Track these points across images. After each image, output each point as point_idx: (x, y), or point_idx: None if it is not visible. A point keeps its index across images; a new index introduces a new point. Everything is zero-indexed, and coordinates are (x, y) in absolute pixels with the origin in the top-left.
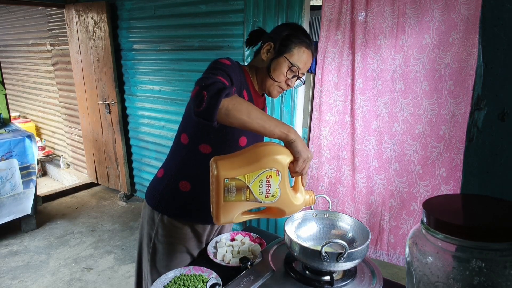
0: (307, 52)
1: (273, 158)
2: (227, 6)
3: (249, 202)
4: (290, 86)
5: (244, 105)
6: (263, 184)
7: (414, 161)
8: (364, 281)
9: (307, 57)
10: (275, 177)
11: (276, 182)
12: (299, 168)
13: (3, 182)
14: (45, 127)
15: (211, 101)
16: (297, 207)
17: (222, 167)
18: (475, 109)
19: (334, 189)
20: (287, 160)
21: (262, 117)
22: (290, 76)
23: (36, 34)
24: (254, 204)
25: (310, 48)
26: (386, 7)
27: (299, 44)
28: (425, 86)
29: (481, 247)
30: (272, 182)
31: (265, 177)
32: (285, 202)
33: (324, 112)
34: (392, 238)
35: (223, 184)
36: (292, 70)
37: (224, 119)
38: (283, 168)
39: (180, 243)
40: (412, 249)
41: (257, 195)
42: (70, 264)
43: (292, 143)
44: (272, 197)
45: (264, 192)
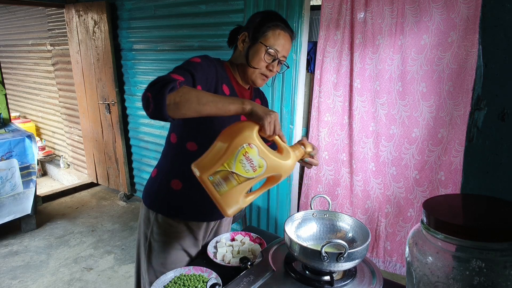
0: (283, 34)
1: (238, 137)
2: (227, 6)
3: (243, 183)
4: (272, 71)
5: (193, 93)
6: (245, 163)
7: (411, 166)
8: (364, 281)
9: (283, 38)
10: (251, 151)
11: (255, 154)
12: (269, 131)
13: (3, 182)
14: (45, 127)
15: (156, 100)
16: (289, 166)
17: (199, 169)
18: (475, 109)
19: (332, 191)
20: (252, 130)
21: (214, 99)
22: (270, 61)
23: (36, 34)
24: (249, 182)
25: (286, 30)
26: (385, 7)
27: (273, 27)
28: (422, 87)
29: (481, 247)
30: (252, 156)
31: (242, 156)
32: (276, 166)
33: (323, 112)
34: (389, 245)
35: (210, 182)
36: (270, 54)
37: (177, 112)
38: (252, 139)
39: (175, 241)
40: (412, 249)
41: (245, 174)
42: (70, 264)
43: (251, 113)
44: (260, 169)
45: (250, 169)
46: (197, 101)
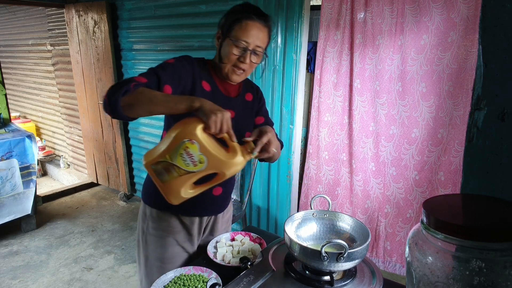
0: (252, 23)
1: (180, 132)
2: (227, 6)
3: (185, 176)
4: (245, 62)
5: (145, 94)
6: (185, 157)
7: (410, 166)
8: (364, 281)
9: (253, 28)
10: (192, 146)
11: (196, 150)
12: (213, 129)
13: (3, 182)
14: (45, 127)
15: (111, 102)
16: (234, 164)
17: (145, 158)
18: (475, 109)
19: (332, 191)
20: (196, 126)
21: (165, 99)
22: (239, 53)
23: (36, 34)
24: (191, 176)
25: (255, 19)
26: (385, 7)
27: (238, 19)
28: (422, 87)
29: (481, 247)
30: (192, 152)
31: (183, 150)
32: (218, 164)
33: (323, 112)
34: (389, 245)
35: (152, 170)
36: (239, 46)
37: (133, 112)
38: (193, 135)
39: (169, 236)
40: (412, 249)
41: (186, 168)
42: (70, 264)
43: (198, 110)
44: (201, 164)
45: (190, 163)
46: (149, 102)
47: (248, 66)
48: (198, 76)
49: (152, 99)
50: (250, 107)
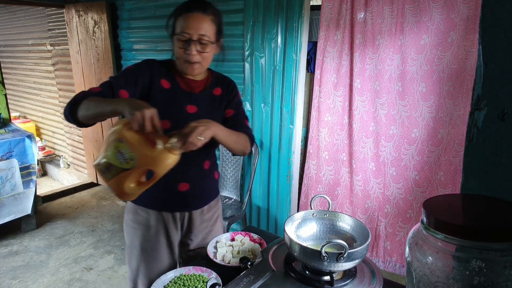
0: (190, 14)
1: (110, 133)
2: (227, 6)
3: (122, 173)
4: (191, 53)
5: (91, 103)
6: (119, 155)
7: (410, 166)
8: (364, 281)
9: (191, 18)
10: (122, 145)
11: (125, 148)
12: (135, 126)
13: (3, 182)
14: (45, 127)
15: (65, 113)
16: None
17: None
18: (475, 109)
19: (332, 191)
20: (123, 126)
21: (100, 104)
22: (184, 46)
23: (36, 34)
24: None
25: (192, 10)
26: (385, 7)
27: (177, 16)
28: (422, 87)
29: (481, 247)
30: (123, 150)
31: (116, 149)
32: (146, 159)
33: (323, 112)
34: (389, 245)
35: (98, 169)
36: (181, 39)
37: (87, 121)
38: (121, 135)
39: (143, 228)
40: (412, 249)
41: (120, 166)
42: (70, 264)
43: (123, 111)
44: (132, 161)
45: (124, 161)
46: (94, 109)
47: (199, 57)
48: (157, 76)
49: (97, 107)
50: (218, 101)
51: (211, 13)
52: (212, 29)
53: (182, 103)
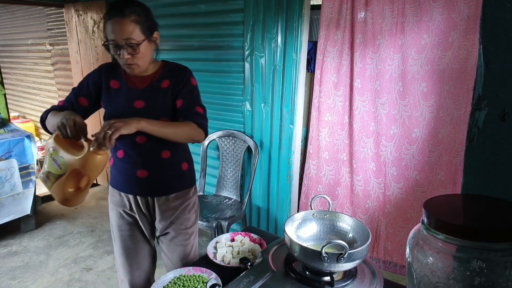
0: (109, 21)
1: (46, 143)
2: (227, 6)
3: (60, 179)
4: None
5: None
6: (53, 163)
7: (411, 166)
8: (364, 281)
9: (111, 25)
10: (54, 153)
11: (57, 155)
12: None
13: (2, 182)
14: None
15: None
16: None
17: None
18: (475, 109)
19: (333, 191)
20: (53, 136)
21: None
22: (116, 51)
23: (36, 33)
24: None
25: (111, 16)
26: (386, 7)
27: (103, 24)
28: (423, 87)
29: (481, 247)
30: (56, 157)
31: (51, 157)
32: (73, 162)
33: (323, 112)
34: (389, 245)
35: (41, 179)
36: (109, 47)
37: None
38: (53, 144)
39: (117, 207)
40: (412, 250)
41: (56, 172)
42: (70, 265)
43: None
44: (64, 166)
45: (57, 167)
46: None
47: (133, 59)
48: (106, 78)
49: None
50: (164, 93)
51: (131, 14)
52: (137, 29)
53: (129, 100)
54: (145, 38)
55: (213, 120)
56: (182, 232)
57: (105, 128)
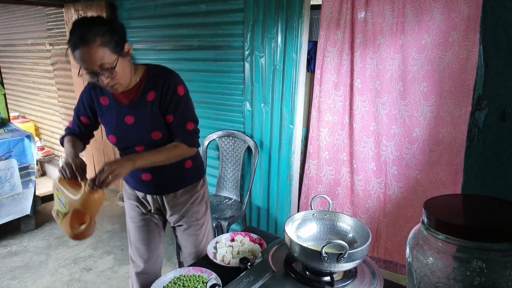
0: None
1: (52, 184)
2: (227, 6)
3: (66, 217)
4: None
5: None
6: (59, 203)
7: (412, 165)
8: (364, 281)
9: (81, 55)
10: (59, 193)
11: (61, 195)
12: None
13: (2, 182)
14: (44, 127)
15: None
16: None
17: None
18: (476, 109)
19: (333, 191)
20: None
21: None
22: (93, 77)
23: (35, 33)
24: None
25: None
26: (386, 7)
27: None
28: (423, 87)
29: (481, 247)
30: (60, 197)
31: (57, 197)
32: (74, 202)
33: (323, 112)
34: (390, 245)
35: (54, 216)
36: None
37: None
38: (57, 185)
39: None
40: (412, 250)
41: (62, 210)
42: (70, 265)
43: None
44: (67, 205)
45: (63, 207)
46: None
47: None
48: (96, 96)
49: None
50: (150, 107)
51: (95, 38)
52: (106, 51)
53: (120, 116)
54: (117, 56)
55: (213, 120)
56: (193, 224)
57: (103, 173)
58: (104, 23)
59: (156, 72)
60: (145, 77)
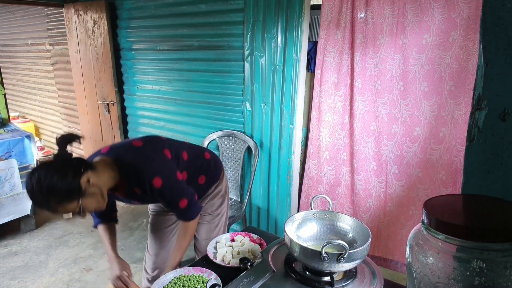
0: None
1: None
2: (227, 6)
3: None
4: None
5: (101, 237)
6: None
7: (413, 164)
8: (364, 281)
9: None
10: None
11: None
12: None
13: (2, 182)
14: (44, 127)
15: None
16: None
17: None
18: (476, 109)
19: (333, 191)
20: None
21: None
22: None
23: (35, 33)
24: None
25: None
26: (386, 7)
27: None
28: (424, 87)
29: (481, 247)
30: None
31: None
32: None
33: (324, 112)
34: (390, 244)
35: None
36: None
37: None
38: None
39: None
40: (412, 250)
41: None
42: (70, 265)
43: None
44: None
45: None
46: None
47: (90, 212)
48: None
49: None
50: (143, 196)
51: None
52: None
53: (129, 202)
54: (78, 201)
55: (213, 120)
56: (208, 214)
57: None
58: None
59: (129, 171)
60: (122, 179)
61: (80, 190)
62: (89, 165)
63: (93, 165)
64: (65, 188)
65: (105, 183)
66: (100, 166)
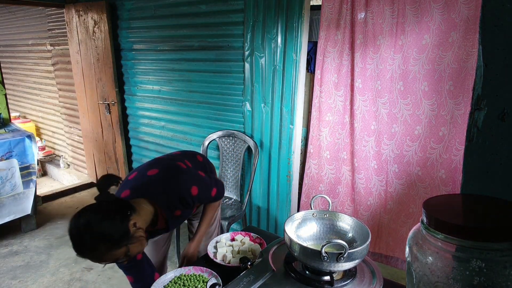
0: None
1: None
2: (227, 6)
3: None
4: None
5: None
6: None
7: (413, 162)
8: (364, 281)
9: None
10: None
11: None
12: None
13: (3, 182)
14: (45, 127)
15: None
16: None
17: None
18: (475, 109)
19: (333, 190)
20: None
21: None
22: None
23: (36, 34)
24: None
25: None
26: (386, 7)
27: None
28: (424, 86)
29: (481, 247)
30: None
31: None
32: None
33: (324, 112)
34: (391, 241)
35: None
36: None
37: None
38: None
39: None
40: (412, 249)
41: None
42: (70, 264)
43: None
44: None
45: None
46: None
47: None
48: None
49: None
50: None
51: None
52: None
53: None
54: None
55: (213, 120)
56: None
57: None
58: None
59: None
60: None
61: (129, 235)
62: (132, 207)
63: (134, 207)
64: (116, 234)
65: (147, 222)
66: (138, 207)
